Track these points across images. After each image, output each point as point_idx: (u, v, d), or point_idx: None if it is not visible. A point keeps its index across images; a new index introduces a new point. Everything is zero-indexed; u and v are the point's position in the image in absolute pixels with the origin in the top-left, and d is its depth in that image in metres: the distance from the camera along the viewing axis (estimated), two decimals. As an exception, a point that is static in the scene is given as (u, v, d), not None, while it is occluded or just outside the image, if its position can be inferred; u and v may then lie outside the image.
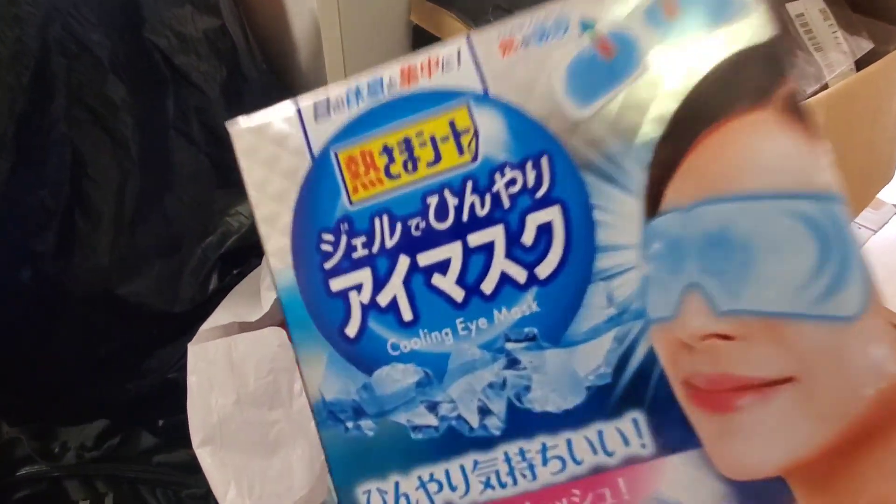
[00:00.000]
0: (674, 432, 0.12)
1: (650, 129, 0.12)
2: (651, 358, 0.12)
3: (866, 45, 0.43)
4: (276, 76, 0.47)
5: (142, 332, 0.42)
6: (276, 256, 0.14)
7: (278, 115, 0.15)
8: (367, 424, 0.13)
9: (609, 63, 0.13)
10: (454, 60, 0.13)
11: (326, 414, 0.14)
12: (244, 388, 0.30)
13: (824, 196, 0.11)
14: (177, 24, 0.37)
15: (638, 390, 0.12)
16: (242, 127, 0.16)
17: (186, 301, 0.42)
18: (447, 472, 0.13)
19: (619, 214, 0.12)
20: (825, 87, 0.43)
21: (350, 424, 0.13)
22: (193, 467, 0.45)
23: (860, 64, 0.42)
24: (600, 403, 0.12)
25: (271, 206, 0.15)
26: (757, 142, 0.12)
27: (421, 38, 0.51)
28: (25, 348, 0.39)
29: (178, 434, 0.46)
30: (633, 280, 0.12)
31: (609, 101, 0.13)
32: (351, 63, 0.47)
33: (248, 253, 0.46)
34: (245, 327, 0.35)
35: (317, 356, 0.14)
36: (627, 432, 0.12)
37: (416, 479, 0.13)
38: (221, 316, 0.35)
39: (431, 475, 0.13)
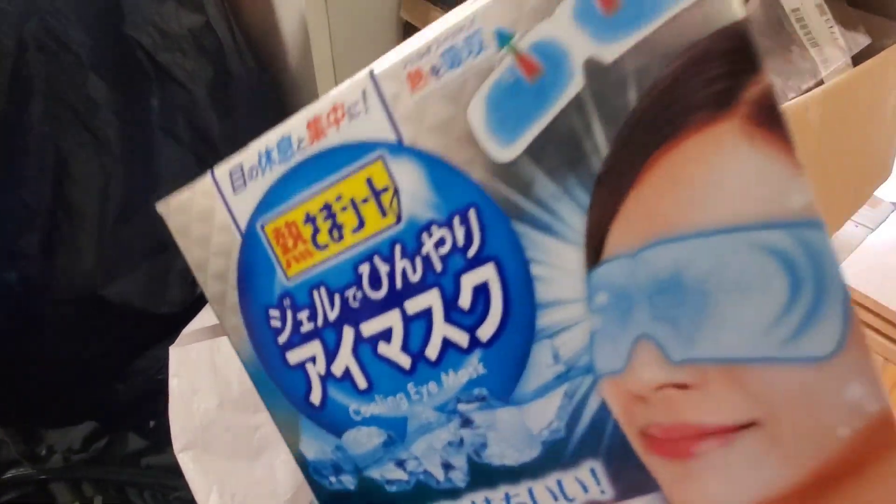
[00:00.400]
0: (632, 478, 0.11)
1: (587, 163, 0.10)
2: (603, 411, 0.11)
3: (863, 41, 0.43)
4: (265, 74, 0.46)
5: (129, 333, 0.42)
6: (233, 334, 0.15)
7: (200, 190, 0.14)
8: (346, 479, 0.14)
9: (534, 85, 0.10)
10: (360, 106, 0.12)
11: (311, 470, 0.15)
12: (227, 391, 0.30)
13: (799, 223, 0.09)
14: (160, 21, 0.36)
15: (592, 442, 0.12)
16: (171, 206, 0.15)
17: (174, 303, 0.42)
18: None
19: (558, 267, 0.11)
20: (821, 83, 0.42)
21: (333, 479, 0.14)
22: (181, 470, 0.44)
23: (857, 59, 0.42)
24: (556, 456, 0.12)
25: (216, 285, 0.14)
26: (717, 163, 0.09)
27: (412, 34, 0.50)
28: (10, 350, 0.38)
29: (168, 436, 0.46)
30: (579, 335, 0.11)
31: (537, 133, 0.10)
32: (340, 60, 0.46)
33: (237, 253, 0.46)
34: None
35: (292, 421, 0.14)
36: (586, 481, 0.12)
37: None
38: (205, 318, 0.35)
39: None
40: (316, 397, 0.14)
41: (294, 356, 0.14)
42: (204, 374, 0.29)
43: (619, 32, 0.09)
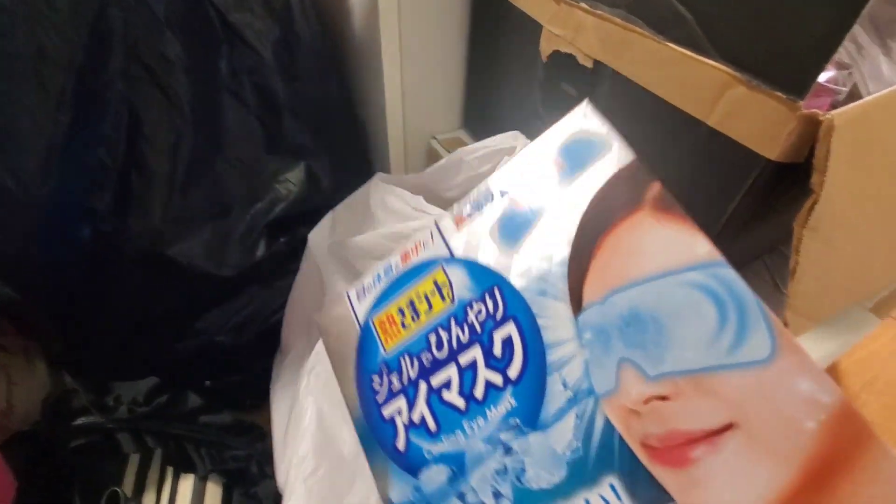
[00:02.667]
0: (647, 492, 0.13)
1: (561, 251, 0.16)
2: (609, 427, 0.14)
3: None
4: (329, 38, 0.45)
5: (190, 293, 0.43)
6: (349, 399, 0.20)
7: (339, 303, 0.21)
8: None
9: (522, 213, 0.17)
10: (430, 240, 0.20)
11: None
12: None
13: (707, 264, 0.13)
14: (232, -21, 0.35)
15: (606, 457, 0.14)
16: (323, 314, 0.22)
17: (233, 266, 0.42)
18: None
19: (554, 318, 0.16)
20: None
21: None
22: (237, 429, 0.45)
23: None
24: (579, 474, 0.14)
25: (341, 364, 0.20)
26: (640, 237, 0.14)
27: (482, 0, 0.47)
28: (84, 304, 0.40)
29: (223, 396, 0.47)
30: (577, 365, 0.15)
31: (528, 238, 0.17)
32: (406, 27, 0.45)
33: (295, 221, 0.46)
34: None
35: (383, 468, 0.18)
36: (609, 497, 0.14)
37: None
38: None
39: None
40: (401, 443, 0.18)
41: (387, 410, 0.19)
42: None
43: (565, 179, 0.17)
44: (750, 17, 0.27)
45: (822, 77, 0.31)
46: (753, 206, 0.34)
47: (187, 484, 0.43)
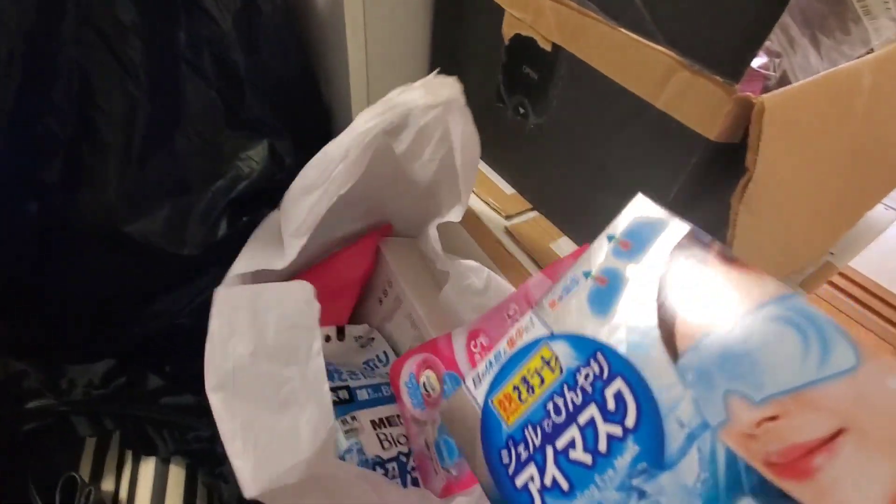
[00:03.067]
0: None
1: (649, 310, 0.18)
2: (731, 454, 0.15)
3: (917, 11, 0.41)
4: (291, 12, 0.44)
5: (149, 273, 0.41)
6: (482, 478, 0.22)
7: (458, 395, 0.24)
8: None
9: (606, 288, 0.20)
10: (530, 325, 0.22)
11: None
12: (262, 339, 0.29)
13: (781, 297, 0.16)
14: (190, -54, 0.34)
15: (735, 481, 0.15)
16: (447, 409, 0.24)
17: (195, 245, 0.41)
18: None
19: (657, 368, 0.17)
20: (871, 51, 0.41)
21: None
22: (199, 410, 0.45)
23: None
24: (714, 502, 0.15)
25: (471, 449, 0.22)
26: (714, 288, 0.17)
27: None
28: (31, 281, 0.38)
29: (185, 378, 0.46)
30: (688, 404, 0.16)
31: (618, 306, 0.19)
32: (370, 4, 0.45)
33: (258, 200, 0.45)
34: (268, 276, 0.34)
35: None
36: None
37: None
38: (247, 262, 0.34)
39: None
40: None
41: (520, 480, 0.20)
42: (243, 318, 0.29)
43: (636, 254, 0.20)
44: (691, 5, 0.29)
45: (756, 63, 0.34)
46: (697, 184, 0.37)
47: (149, 467, 0.42)
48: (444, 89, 0.32)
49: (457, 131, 0.34)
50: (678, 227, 0.19)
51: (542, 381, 0.21)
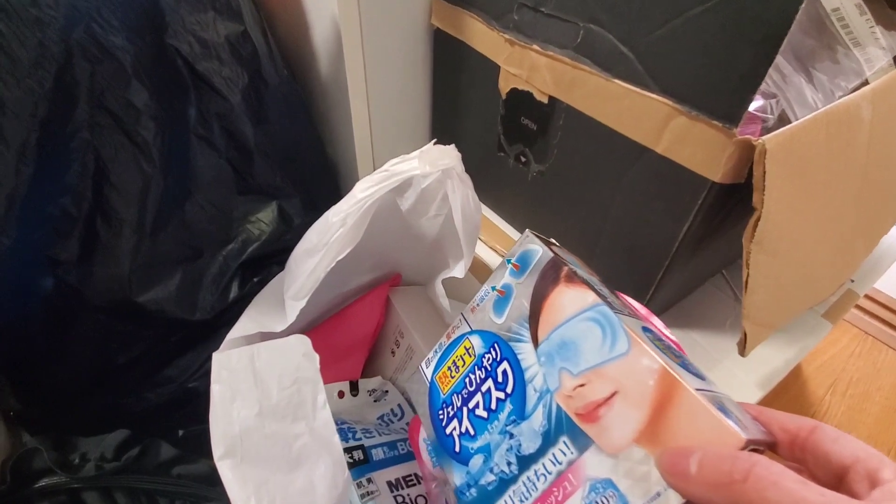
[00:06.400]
0: (580, 441, 0.23)
1: (525, 314, 0.27)
2: (559, 409, 0.24)
3: (907, 40, 0.42)
4: (296, 82, 0.46)
5: (161, 340, 0.42)
6: (427, 430, 0.31)
7: (419, 373, 0.33)
8: (472, 491, 0.27)
9: (503, 298, 0.28)
10: (459, 324, 0.31)
11: (458, 491, 0.28)
12: (267, 399, 0.29)
13: (594, 306, 0.24)
14: (199, 30, 0.36)
15: (559, 426, 0.24)
16: (411, 384, 0.33)
17: (206, 309, 0.42)
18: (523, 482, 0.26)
19: (526, 353, 0.26)
20: (866, 82, 0.41)
21: (468, 493, 0.28)
22: (213, 479, 0.44)
23: (901, 59, 0.40)
24: (548, 439, 0.24)
25: (423, 410, 0.31)
26: (560, 299, 0.25)
27: (442, 42, 0.50)
28: (44, 356, 0.38)
29: (198, 444, 0.46)
30: (540, 376, 0.25)
31: (508, 310, 0.28)
32: (371, 68, 0.47)
33: (268, 261, 0.46)
34: (269, 337, 0.34)
35: (449, 466, 0.29)
36: (564, 449, 0.23)
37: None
38: (247, 325, 0.34)
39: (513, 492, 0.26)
40: (457, 447, 0.29)
41: (448, 429, 0.29)
42: (244, 380, 0.29)
43: (517, 279, 0.29)
44: (683, 54, 0.30)
45: (753, 106, 0.34)
46: (706, 224, 0.36)
47: (160, 542, 0.41)
48: (443, 158, 0.33)
49: (455, 197, 0.35)
50: (546, 256, 0.27)
51: (464, 363, 0.29)
